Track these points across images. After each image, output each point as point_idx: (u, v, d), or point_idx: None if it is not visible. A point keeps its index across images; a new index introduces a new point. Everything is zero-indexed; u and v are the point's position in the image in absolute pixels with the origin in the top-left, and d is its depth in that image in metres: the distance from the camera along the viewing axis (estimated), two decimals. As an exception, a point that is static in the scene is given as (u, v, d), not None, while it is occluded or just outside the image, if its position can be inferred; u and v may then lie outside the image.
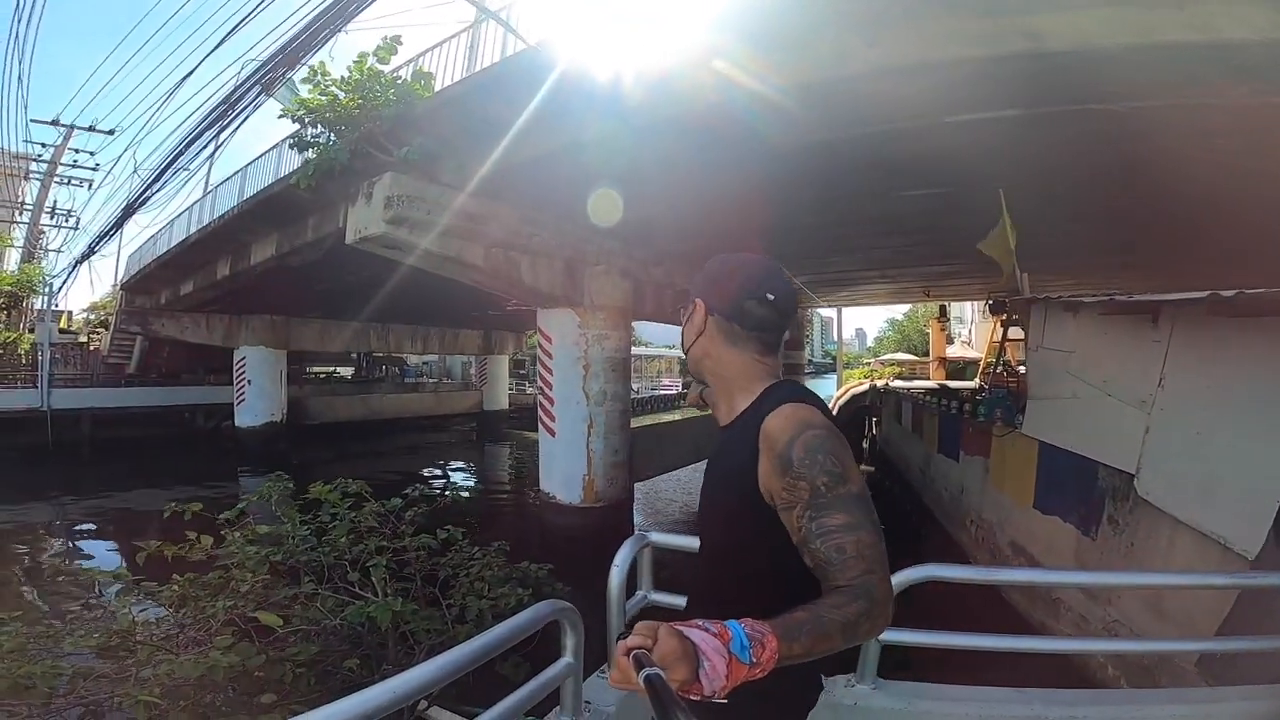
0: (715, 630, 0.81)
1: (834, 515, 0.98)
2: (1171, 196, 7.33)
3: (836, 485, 1.00)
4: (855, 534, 0.97)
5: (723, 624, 0.82)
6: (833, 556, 0.96)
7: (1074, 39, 4.17)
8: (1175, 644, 3.13)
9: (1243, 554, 3.86)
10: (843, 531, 0.97)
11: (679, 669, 0.75)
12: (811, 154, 6.41)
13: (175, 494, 13.19)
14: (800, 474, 1.02)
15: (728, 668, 0.78)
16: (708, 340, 1.26)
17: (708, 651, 0.78)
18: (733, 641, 0.80)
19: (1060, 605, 6.00)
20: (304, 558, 3.54)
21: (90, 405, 20.48)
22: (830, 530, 0.98)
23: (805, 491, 1.01)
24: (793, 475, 1.02)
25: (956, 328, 30.81)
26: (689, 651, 0.77)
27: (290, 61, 7.80)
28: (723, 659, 0.78)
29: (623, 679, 0.78)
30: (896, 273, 15.18)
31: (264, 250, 13.27)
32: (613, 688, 0.82)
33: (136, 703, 2.27)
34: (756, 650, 0.80)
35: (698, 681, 0.76)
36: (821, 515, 0.99)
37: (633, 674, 0.75)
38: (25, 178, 25.27)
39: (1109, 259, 12.83)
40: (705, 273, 1.30)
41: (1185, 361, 4.61)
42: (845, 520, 0.98)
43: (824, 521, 0.99)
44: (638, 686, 0.74)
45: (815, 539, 0.99)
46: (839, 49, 4.81)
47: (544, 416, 10.65)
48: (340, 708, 1.20)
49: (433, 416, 29.94)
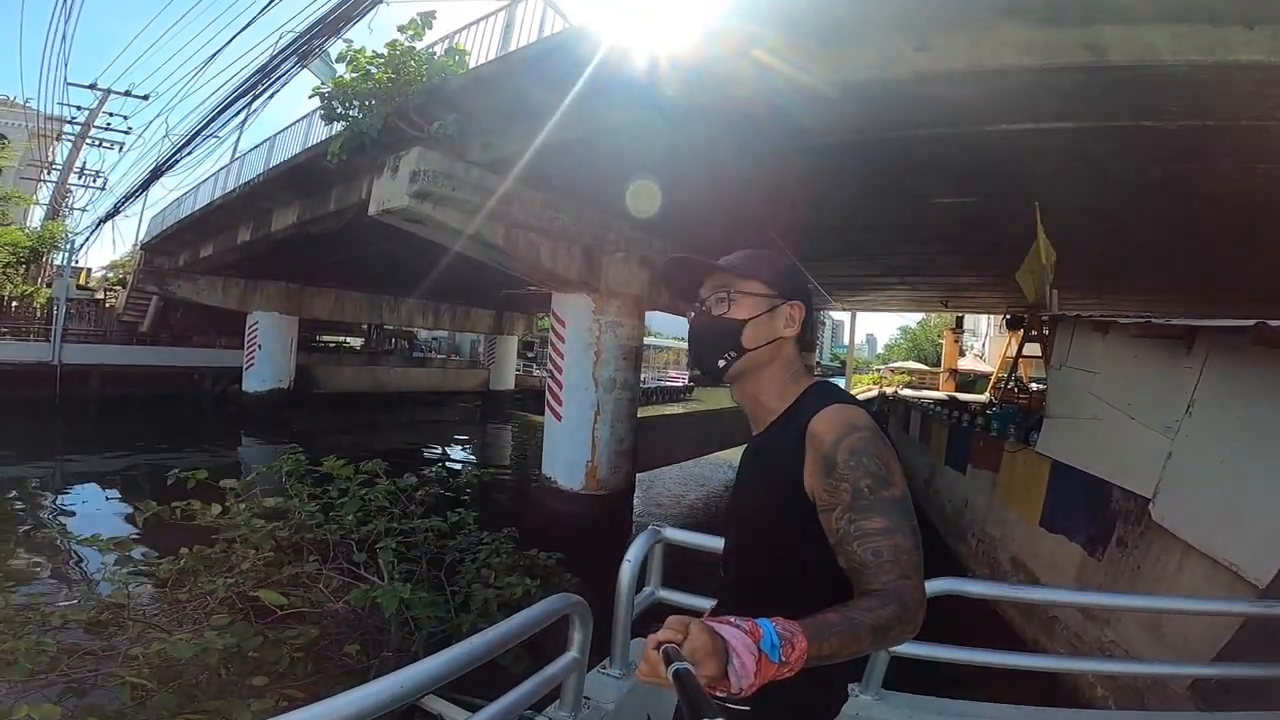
0: (747, 627, 0.80)
1: (873, 519, 0.98)
2: (1211, 222, 7.22)
3: (879, 489, 1.01)
4: (893, 538, 0.97)
5: (754, 621, 0.81)
6: (869, 560, 0.96)
7: (1139, 53, 4.06)
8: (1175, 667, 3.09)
9: (1254, 582, 3.83)
10: (881, 535, 0.97)
11: (709, 665, 0.75)
12: (846, 153, 6.33)
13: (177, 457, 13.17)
14: (843, 475, 1.02)
15: (757, 665, 0.77)
16: (772, 330, 1.21)
17: (738, 649, 0.77)
18: (763, 640, 0.79)
19: (1056, 624, 5.97)
20: (309, 535, 3.47)
21: (101, 361, 20.64)
22: (868, 533, 0.98)
23: (847, 493, 1.01)
24: (836, 476, 1.02)
25: (969, 340, 30.63)
26: (719, 648, 0.76)
27: (330, 31, 7.75)
28: (752, 657, 0.77)
29: (651, 672, 0.77)
30: (917, 280, 15.02)
31: (285, 218, 13.31)
32: (641, 680, 0.80)
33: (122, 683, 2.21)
34: (786, 649, 0.80)
35: (726, 678, 0.76)
36: (861, 518, 0.99)
37: (661, 668, 0.75)
38: (58, 139, 25.39)
39: (1139, 282, 12.67)
40: (768, 260, 1.26)
41: (1217, 390, 4.54)
42: (884, 524, 0.98)
43: (863, 524, 0.99)
44: (666, 681, 0.74)
45: (853, 541, 0.99)
46: (884, 51, 4.70)
47: (552, 400, 10.64)
48: (349, 699, 1.18)
49: (439, 392, 30.12)
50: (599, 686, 2.14)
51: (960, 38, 4.44)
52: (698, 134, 6.25)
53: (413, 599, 2.92)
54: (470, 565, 3.71)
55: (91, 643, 2.63)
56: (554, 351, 10.77)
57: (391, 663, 3.01)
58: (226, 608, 2.93)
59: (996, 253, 8.09)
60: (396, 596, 2.90)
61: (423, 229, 8.57)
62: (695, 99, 5.75)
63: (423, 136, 7.52)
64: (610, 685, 2.17)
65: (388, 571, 3.25)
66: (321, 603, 3.16)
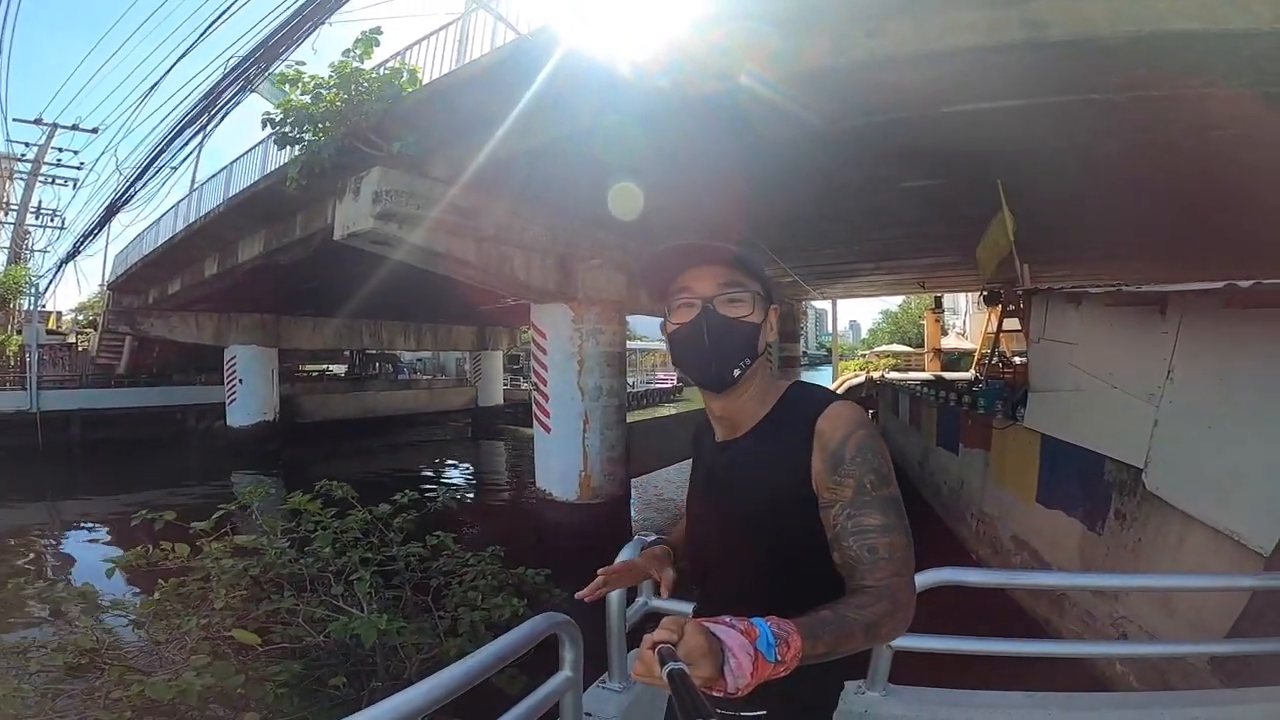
0: (742, 628, 0.80)
1: (872, 515, 1.01)
2: (1171, 191, 7.29)
3: (881, 486, 1.03)
4: (889, 536, 0.99)
5: (749, 621, 0.82)
6: (864, 556, 0.99)
7: (1076, 28, 4.16)
8: (1193, 646, 3.04)
9: (1258, 550, 3.77)
10: (878, 532, 0.99)
11: (704, 665, 0.75)
12: (810, 144, 6.32)
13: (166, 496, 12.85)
14: (849, 471, 1.04)
15: (753, 665, 0.77)
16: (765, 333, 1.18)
17: (734, 649, 0.77)
18: (759, 639, 0.80)
19: (1066, 602, 5.92)
20: (285, 570, 3.39)
21: (80, 406, 20.31)
22: (866, 529, 1.00)
23: (850, 489, 1.03)
24: (841, 473, 1.04)
25: (950, 319, 30.88)
26: (715, 649, 0.77)
27: (271, 56, 7.63)
28: (749, 656, 0.77)
29: (646, 672, 0.78)
30: (892, 264, 15.15)
31: (252, 248, 13.11)
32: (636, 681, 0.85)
33: None
34: (781, 648, 0.80)
35: (722, 678, 0.76)
36: (860, 514, 1.01)
37: (656, 667, 0.76)
38: (10, 178, 24.93)
39: (1112, 250, 12.83)
40: (754, 257, 1.18)
41: (1195, 353, 4.52)
42: (882, 521, 1.00)
43: (861, 520, 1.01)
44: (660, 681, 0.74)
45: (850, 536, 1.01)
46: (838, 38, 4.75)
47: (539, 413, 10.56)
48: None
49: (427, 413, 29.85)
50: (599, 701, 2.08)
51: (907, 21, 4.52)
52: (662, 136, 6.22)
53: (389, 628, 2.84)
54: (457, 588, 3.63)
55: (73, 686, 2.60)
56: (537, 364, 10.68)
57: (381, 692, 2.94)
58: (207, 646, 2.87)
59: (966, 232, 8.14)
60: (374, 627, 2.83)
61: (391, 250, 8.43)
62: (655, 100, 5.70)
63: (381, 155, 7.41)
64: (611, 700, 2.10)
65: (365, 602, 3.16)
66: (301, 637, 3.09)
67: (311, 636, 3.08)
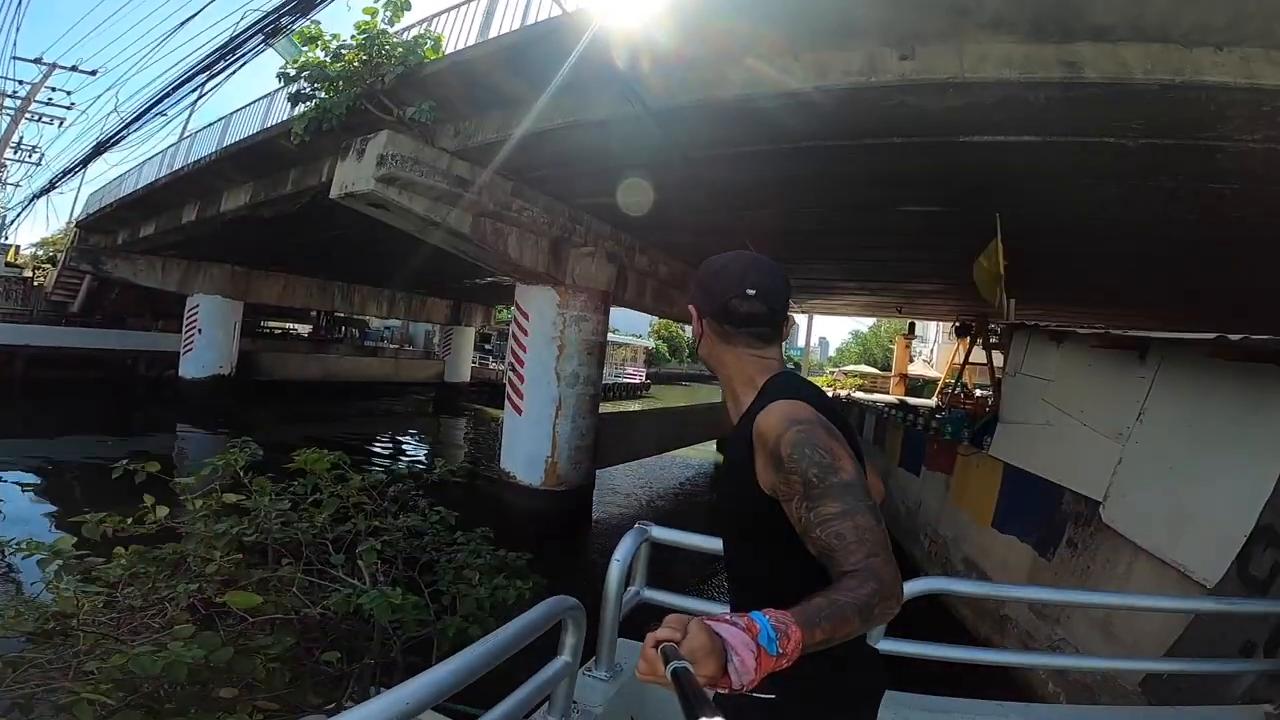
0: (743, 624, 0.81)
1: (829, 504, 1.02)
2: (1164, 240, 7.55)
3: (827, 475, 1.04)
4: (852, 519, 1.00)
5: (750, 617, 0.82)
6: (834, 543, 0.99)
7: (1113, 71, 4.23)
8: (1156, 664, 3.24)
9: (1202, 582, 4.04)
10: (839, 519, 1.00)
11: (707, 664, 0.76)
12: (822, 157, 6.42)
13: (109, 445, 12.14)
14: (792, 469, 1.06)
15: (756, 661, 0.78)
16: (707, 343, 1.34)
17: (737, 646, 0.78)
18: (760, 634, 0.81)
19: (1008, 623, 6.18)
20: (278, 536, 3.19)
21: (27, 342, 19.40)
22: (827, 518, 1.01)
23: (799, 484, 1.05)
24: (786, 470, 1.07)
25: (918, 346, 31.53)
26: (718, 647, 0.77)
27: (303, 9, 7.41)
28: (751, 653, 0.78)
29: (649, 670, 0.78)
30: (877, 285, 15.32)
31: (237, 198, 12.78)
32: (639, 679, 0.81)
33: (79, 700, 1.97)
34: (782, 641, 0.81)
35: (726, 676, 0.77)
36: (817, 505, 1.03)
37: (660, 666, 0.76)
38: (-3, 112, 23.64)
39: (1091, 296, 13.17)
40: (695, 278, 1.35)
41: (1168, 399, 4.77)
42: (840, 508, 1.01)
43: (820, 510, 1.02)
44: (664, 679, 0.74)
45: (815, 527, 1.02)
46: (871, 58, 4.79)
47: (512, 393, 10.49)
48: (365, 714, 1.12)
49: (392, 383, 29.41)
50: (585, 690, 2.07)
51: (944, 48, 4.56)
52: (680, 131, 6.23)
53: (407, 606, 2.72)
54: (447, 565, 3.55)
55: (38, 654, 2.36)
56: (516, 344, 10.61)
57: (371, 670, 2.87)
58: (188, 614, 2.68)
59: (956, 262, 8.32)
60: (388, 601, 2.67)
61: (386, 214, 8.35)
62: (676, 98, 5.74)
63: (391, 120, 7.32)
64: (597, 688, 2.09)
65: (370, 574, 3.07)
66: (297, 608, 2.90)
67: (308, 608, 2.91)
